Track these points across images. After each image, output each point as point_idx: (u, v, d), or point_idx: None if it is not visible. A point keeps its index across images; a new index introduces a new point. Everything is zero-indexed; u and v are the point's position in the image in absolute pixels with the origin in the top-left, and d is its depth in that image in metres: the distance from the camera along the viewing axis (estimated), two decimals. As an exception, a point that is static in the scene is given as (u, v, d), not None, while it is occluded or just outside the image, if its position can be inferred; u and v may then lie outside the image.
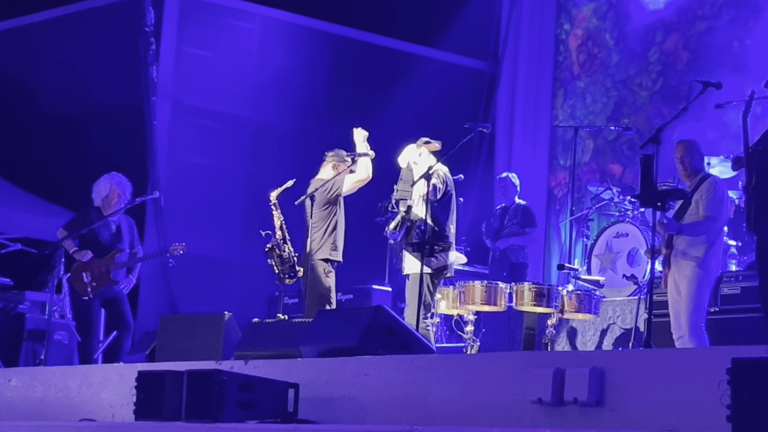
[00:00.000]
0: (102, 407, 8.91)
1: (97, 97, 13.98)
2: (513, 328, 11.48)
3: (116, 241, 11.28)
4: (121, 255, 11.20)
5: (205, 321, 9.48)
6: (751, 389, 4.95)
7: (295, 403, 7.31)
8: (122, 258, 11.23)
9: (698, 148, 9.14)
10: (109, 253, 11.19)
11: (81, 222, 11.32)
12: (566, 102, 15.52)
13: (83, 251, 11.16)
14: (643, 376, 6.05)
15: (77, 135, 14.38)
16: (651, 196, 7.84)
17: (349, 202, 12.96)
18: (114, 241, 11.27)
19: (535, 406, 6.34)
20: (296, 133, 14.93)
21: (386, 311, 7.92)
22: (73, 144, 14.42)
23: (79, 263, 11.18)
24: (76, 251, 11.18)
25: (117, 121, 14.11)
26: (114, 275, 11.15)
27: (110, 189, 11.32)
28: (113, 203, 11.27)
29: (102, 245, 11.22)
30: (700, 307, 8.81)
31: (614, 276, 11.79)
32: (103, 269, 11.12)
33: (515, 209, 12.70)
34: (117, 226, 11.33)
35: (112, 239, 11.28)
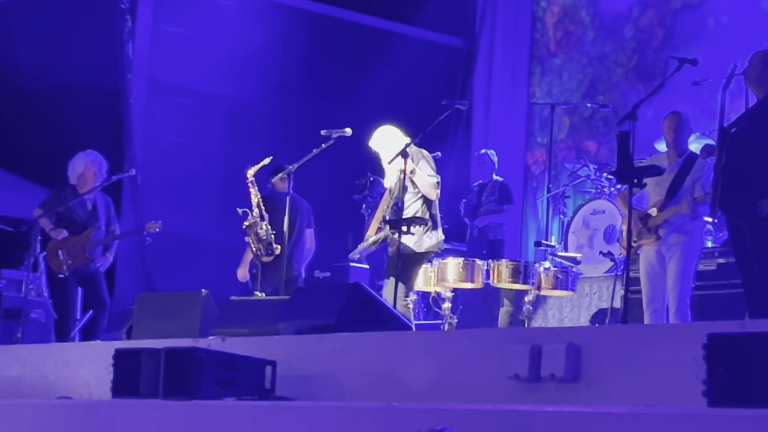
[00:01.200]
0: (79, 385, 8.90)
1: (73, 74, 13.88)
2: (490, 305, 11.51)
3: (92, 219, 11.25)
4: (96, 233, 11.18)
5: (182, 299, 9.46)
6: (727, 364, 4.98)
7: (273, 381, 7.31)
8: (98, 236, 11.21)
9: (689, 121, 9.17)
10: (84, 231, 11.16)
11: (57, 200, 11.29)
12: (543, 79, 15.53)
13: (59, 229, 11.14)
14: (620, 352, 6.08)
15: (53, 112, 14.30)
16: (628, 173, 7.85)
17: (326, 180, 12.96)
18: (90, 219, 11.24)
19: (512, 382, 6.37)
20: (273, 110, 14.88)
21: (364, 288, 7.92)
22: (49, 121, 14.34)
23: (54, 241, 11.15)
24: (52, 229, 11.15)
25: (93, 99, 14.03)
26: (90, 253, 11.13)
27: (85, 166, 11.28)
28: (89, 181, 11.24)
29: (78, 223, 11.20)
30: (688, 282, 8.86)
31: (591, 253, 11.83)
32: (78, 247, 11.10)
33: (492, 186, 12.72)
34: (93, 204, 11.30)
35: (88, 217, 11.25)
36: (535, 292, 10.07)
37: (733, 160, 7.80)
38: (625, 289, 7.74)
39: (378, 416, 6.14)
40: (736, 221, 7.89)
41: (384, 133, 9.88)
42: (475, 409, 5.84)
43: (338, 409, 6.49)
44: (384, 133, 9.88)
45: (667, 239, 8.91)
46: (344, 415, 6.35)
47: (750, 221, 7.74)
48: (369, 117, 10.36)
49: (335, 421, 6.34)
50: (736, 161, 7.78)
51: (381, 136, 9.88)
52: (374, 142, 9.92)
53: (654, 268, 8.97)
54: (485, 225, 12.57)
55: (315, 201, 12.32)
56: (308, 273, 12.86)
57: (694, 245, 8.94)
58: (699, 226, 9.07)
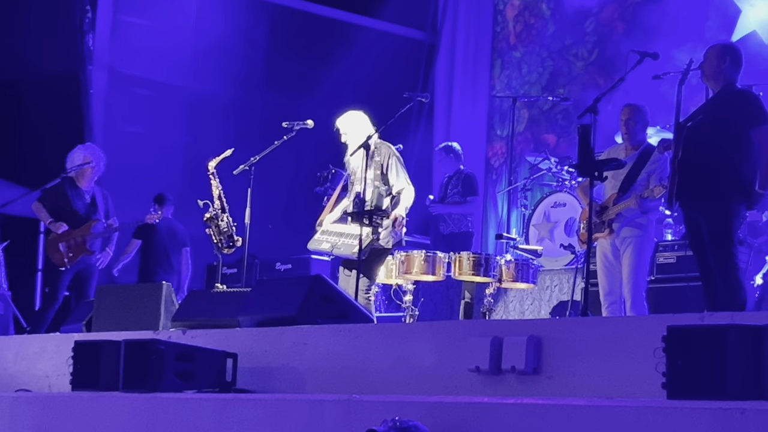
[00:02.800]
0: (38, 378, 8.85)
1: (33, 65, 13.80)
2: (451, 297, 11.53)
3: (91, 212, 11.25)
4: (96, 225, 11.17)
5: (142, 291, 9.44)
6: (686, 357, 5.00)
7: (234, 373, 7.30)
8: (98, 228, 11.21)
9: (645, 114, 9.24)
10: (84, 224, 11.14)
11: (55, 193, 11.27)
12: (503, 72, 15.56)
13: (58, 223, 11.14)
14: (580, 345, 6.10)
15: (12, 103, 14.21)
16: (589, 166, 7.89)
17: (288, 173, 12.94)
18: (89, 212, 11.23)
19: (473, 375, 6.38)
20: (234, 102, 14.85)
21: (325, 280, 7.91)
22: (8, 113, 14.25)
23: (55, 235, 11.14)
24: (52, 222, 11.14)
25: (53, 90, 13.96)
26: (90, 245, 11.11)
27: (83, 159, 11.26)
28: (87, 174, 11.23)
29: (77, 216, 11.19)
30: (643, 275, 8.93)
31: (552, 245, 11.87)
32: (79, 240, 11.08)
33: (457, 177, 12.72)
34: (92, 196, 11.29)
35: (87, 210, 11.24)
36: (496, 285, 10.09)
37: (689, 153, 7.84)
38: (585, 282, 7.77)
39: (339, 409, 6.14)
40: (692, 215, 7.94)
41: (353, 116, 9.84)
42: (437, 401, 5.85)
43: (299, 402, 6.48)
44: (353, 116, 9.84)
45: (620, 232, 8.98)
46: (305, 407, 6.35)
47: (706, 215, 7.79)
48: (331, 109, 10.34)
49: (296, 413, 6.34)
50: (692, 155, 7.83)
51: (350, 120, 9.83)
52: (342, 123, 9.87)
53: (609, 261, 9.04)
54: (441, 214, 12.58)
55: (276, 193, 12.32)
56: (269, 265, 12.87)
57: (647, 238, 9.02)
58: (652, 218, 9.15)
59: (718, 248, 7.74)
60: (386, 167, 9.63)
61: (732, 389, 4.85)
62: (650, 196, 8.89)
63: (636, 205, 8.89)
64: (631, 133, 9.15)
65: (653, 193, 8.86)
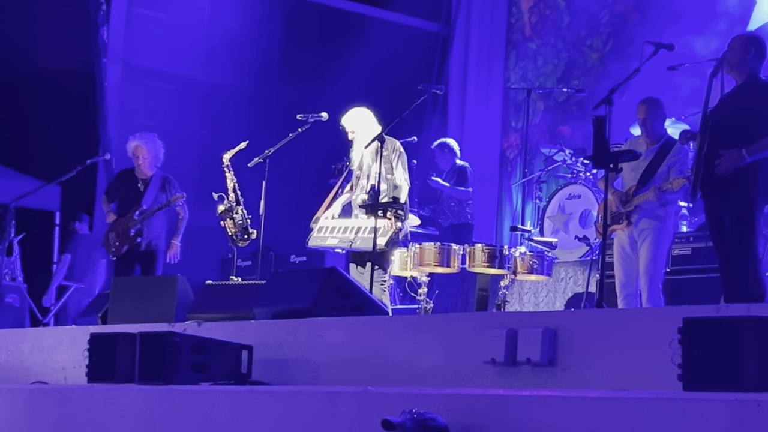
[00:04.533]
0: (54, 370, 8.88)
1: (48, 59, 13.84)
2: (466, 289, 11.52)
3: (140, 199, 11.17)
4: (137, 212, 11.12)
5: (157, 283, 9.45)
6: (702, 348, 4.99)
7: (249, 365, 7.30)
8: (135, 215, 11.18)
9: (662, 107, 9.20)
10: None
11: (115, 184, 11.37)
12: (518, 64, 15.53)
13: (109, 214, 11.16)
14: (595, 336, 6.09)
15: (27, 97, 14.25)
16: (604, 158, 7.87)
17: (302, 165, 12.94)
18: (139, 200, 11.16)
19: (488, 367, 6.37)
20: (249, 94, 14.85)
21: (340, 273, 7.91)
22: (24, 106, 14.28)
23: (109, 225, 11.15)
24: (107, 213, 11.19)
25: (68, 83, 13.99)
26: (132, 233, 11.05)
27: (130, 152, 11.23)
28: (138, 163, 11.19)
29: (129, 205, 11.14)
30: (660, 267, 8.91)
31: (566, 237, 11.85)
32: (123, 228, 11.05)
33: (453, 170, 12.98)
34: (146, 184, 11.21)
35: (138, 198, 11.16)
36: (510, 277, 10.08)
37: (714, 145, 7.81)
38: (601, 274, 7.76)
39: (354, 401, 6.14)
40: (716, 205, 7.91)
41: (360, 113, 9.94)
42: (452, 393, 5.85)
43: (314, 394, 6.49)
44: (360, 113, 9.94)
45: (638, 224, 8.96)
46: (321, 399, 6.35)
47: (730, 206, 7.77)
48: (345, 101, 10.35)
49: (311, 405, 6.34)
50: (717, 147, 7.79)
51: (357, 116, 9.93)
52: (349, 121, 9.95)
53: (627, 252, 9.02)
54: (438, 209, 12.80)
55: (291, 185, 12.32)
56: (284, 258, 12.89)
57: (666, 230, 8.99)
58: (671, 211, 9.12)
59: (740, 240, 7.72)
60: (392, 161, 9.69)
61: (748, 381, 4.84)
62: (669, 189, 8.86)
63: (655, 198, 8.87)
64: (650, 131, 9.13)
65: (672, 186, 8.84)
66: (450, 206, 12.95)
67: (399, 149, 9.83)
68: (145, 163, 11.20)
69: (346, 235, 9.80)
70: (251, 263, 12.39)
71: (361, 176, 9.98)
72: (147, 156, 11.21)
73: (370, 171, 9.85)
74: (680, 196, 9.21)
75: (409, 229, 10.06)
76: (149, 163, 11.21)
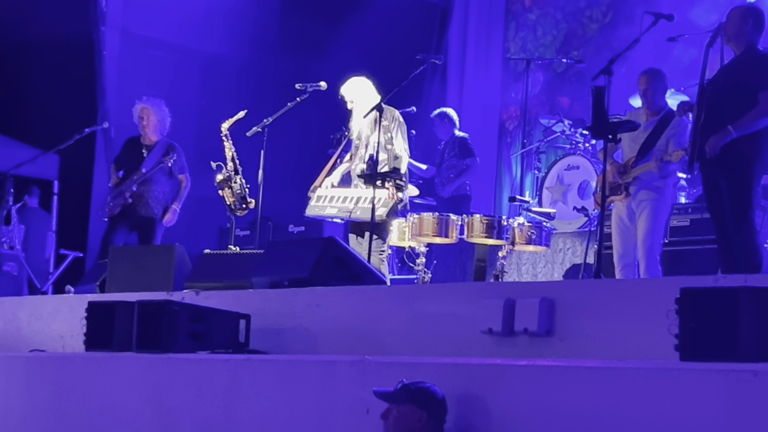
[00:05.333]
0: (52, 338, 8.89)
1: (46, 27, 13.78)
2: (464, 260, 11.53)
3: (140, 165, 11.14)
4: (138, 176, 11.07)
5: (155, 252, 9.45)
6: (699, 319, 4.99)
7: (247, 334, 7.31)
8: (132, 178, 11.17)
9: (663, 78, 9.19)
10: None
11: (122, 150, 11.31)
12: (517, 34, 15.49)
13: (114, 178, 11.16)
14: (593, 307, 6.10)
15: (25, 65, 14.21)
16: (603, 128, 7.86)
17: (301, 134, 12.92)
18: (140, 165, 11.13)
19: (485, 336, 6.38)
20: (247, 64, 14.82)
21: (338, 242, 7.92)
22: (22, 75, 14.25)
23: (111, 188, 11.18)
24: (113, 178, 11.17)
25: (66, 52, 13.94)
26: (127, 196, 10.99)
27: (141, 110, 11.19)
28: (143, 129, 11.15)
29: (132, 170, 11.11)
30: (658, 238, 8.91)
31: (565, 208, 11.85)
32: (121, 190, 11.03)
33: (453, 141, 13.00)
34: (149, 150, 11.17)
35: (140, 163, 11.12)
36: (508, 248, 10.07)
37: (711, 116, 7.80)
38: (599, 245, 7.77)
39: (352, 370, 6.15)
40: (713, 177, 7.91)
41: (359, 83, 9.94)
42: (449, 363, 5.86)
43: (312, 363, 6.50)
44: (359, 83, 9.94)
45: (636, 195, 8.96)
46: (318, 368, 6.36)
47: (727, 177, 7.77)
48: (344, 71, 10.34)
49: (309, 374, 6.36)
50: (714, 118, 7.79)
51: (355, 86, 9.94)
52: (348, 90, 9.95)
53: (625, 223, 9.02)
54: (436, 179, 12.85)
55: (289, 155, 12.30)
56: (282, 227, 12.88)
57: (664, 201, 9.00)
58: (670, 182, 9.13)
59: (736, 211, 7.73)
60: (391, 131, 9.69)
61: (745, 351, 4.84)
62: (669, 160, 8.86)
63: (656, 169, 8.86)
64: (650, 102, 9.12)
65: (672, 158, 8.83)
66: (449, 177, 12.93)
67: (398, 119, 9.83)
68: (150, 126, 11.15)
69: (345, 205, 9.80)
70: (249, 233, 12.39)
71: (360, 146, 9.98)
72: (153, 119, 11.16)
73: (369, 141, 9.85)
74: (680, 167, 9.21)
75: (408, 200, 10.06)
76: (154, 127, 11.17)
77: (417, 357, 6.29)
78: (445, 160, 13.02)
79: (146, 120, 11.14)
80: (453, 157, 12.96)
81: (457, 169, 12.93)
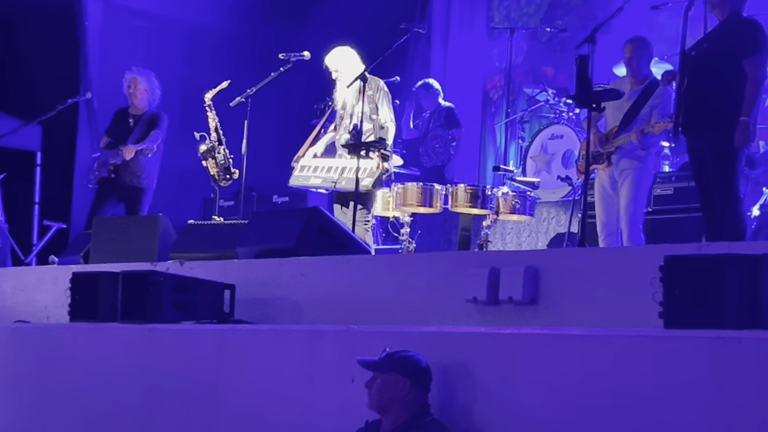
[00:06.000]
0: (36, 309, 8.88)
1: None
2: (448, 229, 11.54)
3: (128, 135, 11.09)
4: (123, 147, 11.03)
5: (139, 223, 9.43)
6: (683, 286, 5.00)
7: (231, 304, 7.31)
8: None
9: (648, 47, 9.18)
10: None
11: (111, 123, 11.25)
12: (501, 3, 15.43)
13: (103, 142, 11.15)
14: (577, 275, 6.11)
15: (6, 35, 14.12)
16: (586, 97, 7.85)
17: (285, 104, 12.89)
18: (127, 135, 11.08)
19: (470, 305, 6.39)
20: (230, 34, 14.75)
21: (322, 212, 7.91)
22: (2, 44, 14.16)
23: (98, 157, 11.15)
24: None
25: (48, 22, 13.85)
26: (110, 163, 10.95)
27: (130, 80, 11.14)
28: (133, 93, 11.10)
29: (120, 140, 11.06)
30: (640, 206, 8.93)
31: (549, 177, 11.85)
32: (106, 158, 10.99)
33: (438, 111, 12.98)
34: (136, 120, 11.13)
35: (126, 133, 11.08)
36: (493, 217, 10.08)
37: (694, 83, 7.80)
38: (583, 214, 7.77)
39: (337, 339, 6.16)
40: (697, 144, 7.92)
41: (343, 52, 9.92)
42: (434, 331, 5.87)
43: (297, 333, 6.51)
44: (343, 52, 9.92)
45: (618, 164, 8.97)
46: (303, 338, 6.37)
47: (711, 145, 7.78)
48: (327, 40, 10.30)
49: (294, 344, 6.36)
50: (696, 85, 7.79)
51: (340, 55, 9.91)
52: (332, 60, 9.93)
53: (607, 192, 9.04)
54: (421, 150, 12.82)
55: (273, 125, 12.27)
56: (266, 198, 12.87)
57: (646, 170, 9.01)
58: (652, 151, 9.15)
59: (721, 178, 7.74)
60: (376, 101, 9.67)
61: (729, 318, 4.86)
62: (651, 132, 8.86)
63: (637, 141, 8.87)
64: (635, 70, 9.11)
65: (654, 130, 8.83)
66: (434, 147, 12.92)
67: (383, 88, 9.81)
68: (138, 96, 11.10)
69: (330, 175, 9.79)
70: (233, 203, 12.36)
71: (345, 116, 9.96)
72: (140, 88, 11.11)
73: (353, 110, 9.82)
74: (662, 138, 9.22)
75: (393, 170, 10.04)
76: (141, 96, 11.12)
77: (401, 326, 6.30)
78: (430, 130, 13.01)
79: (134, 89, 11.11)
80: (438, 127, 12.95)
81: (443, 140, 12.91)
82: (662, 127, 8.74)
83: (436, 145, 12.92)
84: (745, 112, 7.67)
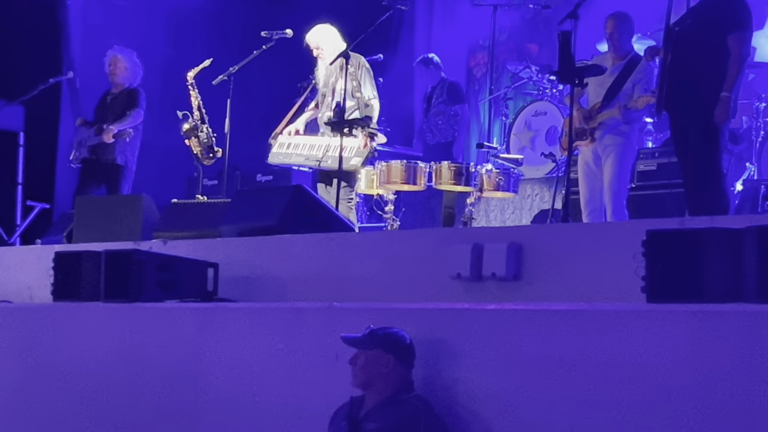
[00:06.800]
0: (19, 289, 8.86)
1: (9, -24, 13.64)
2: (432, 207, 11.53)
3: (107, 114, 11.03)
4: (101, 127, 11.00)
5: (122, 202, 9.42)
6: (665, 261, 5.01)
7: (215, 283, 7.31)
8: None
9: (630, 23, 9.17)
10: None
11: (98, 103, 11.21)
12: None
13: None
14: (560, 250, 6.12)
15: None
16: (569, 73, 7.85)
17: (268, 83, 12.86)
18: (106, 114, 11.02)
19: (454, 282, 6.40)
20: (213, 13, 14.70)
21: (306, 191, 7.91)
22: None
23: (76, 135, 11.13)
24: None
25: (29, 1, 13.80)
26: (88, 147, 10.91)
27: (112, 58, 11.09)
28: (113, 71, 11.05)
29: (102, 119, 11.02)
30: (624, 182, 8.94)
31: (533, 154, 11.85)
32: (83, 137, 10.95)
33: (441, 86, 12.73)
34: (114, 98, 11.08)
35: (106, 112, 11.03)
36: (477, 194, 10.08)
37: (678, 58, 7.80)
38: (566, 190, 7.77)
39: (320, 316, 6.17)
40: (679, 120, 7.92)
41: (324, 30, 9.89)
42: (418, 308, 5.88)
43: (280, 310, 6.51)
44: (324, 30, 9.89)
45: (602, 140, 8.97)
46: (286, 315, 6.37)
47: (693, 120, 7.78)
48: (310, 18, 10.28)
49: (277, 322, 6.37)
50: (680, 60, 7.79)
51: (321, 33, 9.88)
52: (313, 38, 9.90)
53: (591, 168, 9.04)
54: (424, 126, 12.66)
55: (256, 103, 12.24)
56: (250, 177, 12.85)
57: (629, 146, 9.02)
58: (635, 127, 9.15)
59: (703, 154, 7.74)
60: (358, 78, 9.65)
61: (711, 292, 4.87)
62: (633, 107, 8.86)
63: (620, 116, 8.87)
64: (617, 46, 9.11)
65: (637, 104, 8.83)
66: (437, 123, 12.71)
67: (365, 65, 9.79)
68: (117, 73, 11.07)
69: (313, 153, 9.77)
70: (217, 182, 12.35)
71: (327, 93, 9.93)
72: (120, 66, 11.08)
73: (335, 88, 9.80)
74: (645, 113, 9.22)
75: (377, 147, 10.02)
76: (122, 74, 11.08)
77: (385, 303, 6.30)
78: (432, 107, 12.78)
79: (113, 67, 11.07)
80: (441, 103, 12.66)
81: (446, 116, 12.69)
82: (645, 102, 8.74)
83: (439, 122, 12.66)
84: (726, 87, 7.68)
